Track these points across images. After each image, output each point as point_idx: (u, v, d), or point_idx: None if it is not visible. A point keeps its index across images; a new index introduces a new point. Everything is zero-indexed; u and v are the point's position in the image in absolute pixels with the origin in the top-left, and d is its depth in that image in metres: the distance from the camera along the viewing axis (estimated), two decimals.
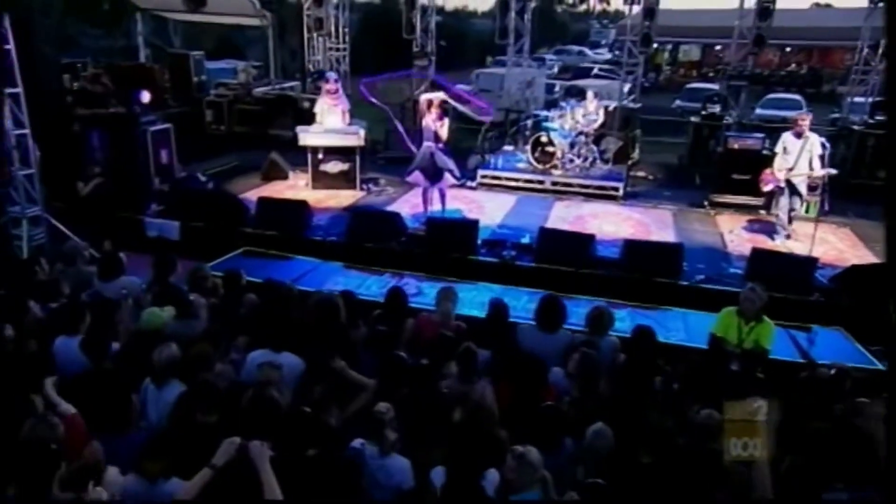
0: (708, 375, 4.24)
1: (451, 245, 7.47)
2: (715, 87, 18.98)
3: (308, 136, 9.70)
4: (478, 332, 4.73)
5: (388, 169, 10.94)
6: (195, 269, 5.26)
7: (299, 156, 10.05)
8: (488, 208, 9.32)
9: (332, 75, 10.12)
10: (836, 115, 13.27)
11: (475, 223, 7.85)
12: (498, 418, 3.56)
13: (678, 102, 18.47)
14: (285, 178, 10.44)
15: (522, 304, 6.11)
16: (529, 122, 11.81)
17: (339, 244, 7.74)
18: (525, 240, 7.83)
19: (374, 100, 9.64)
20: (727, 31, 12.16)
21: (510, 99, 13.27)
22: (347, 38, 13.36)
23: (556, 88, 18.77)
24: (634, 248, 7.29)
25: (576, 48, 34.20)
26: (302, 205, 8.29)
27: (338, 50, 13.35)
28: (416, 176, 8.34)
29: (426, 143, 8.23)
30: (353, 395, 3.86)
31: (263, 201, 8.40)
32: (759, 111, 15.76)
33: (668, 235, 8.54)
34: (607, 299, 6.04)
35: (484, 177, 10.57)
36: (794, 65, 27.43)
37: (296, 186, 10.08)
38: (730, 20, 11.99)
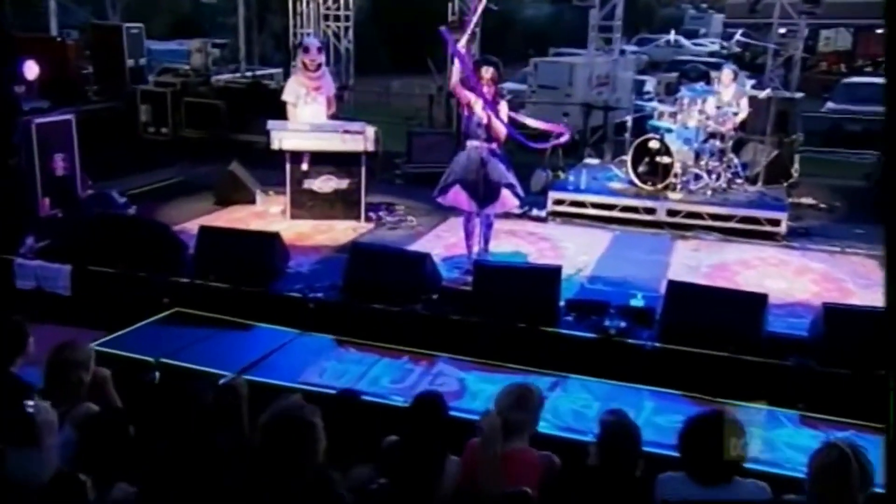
0: None
1: (514, 308, 6.72)
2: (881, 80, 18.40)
3: (286, 137, 9.09)
4: (575, 474, 3.89)
5: (409, 190, 10.59)
6: (61, 347, 4.33)
7: (278, 173, 9.51)
8: (569, 251, 8.77)
9: (313, 41, 9.64)
10: None
11: (556, 272, 7.05)
12: None
13: (830, 104, 18.47)
14: (251, 201, 10.03)
15: (644, 417, 5.33)
16: (628, 121, 11.29)
17: (331, 304, 7.21)
18: (637, 302, 7.03)
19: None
20: None
21: (584, 99, 13.12)
22: (352, 2, 12.79)
23: (647, 87, 18.58)
24: (840, 321, 6.14)
25: (667, 37, 34.82)
26: (271, 239, 7.81)
27: (338, 19, 12.73)
28: (456, 194, 7.49)
29: (471, 144, 7.43)
30: None
31: (208, 233, 7.81)
32: None
33: (878, 298, 7.12)
34: (799, 412, 5.42)
35: (558, 202, 9.95)
36: None
37: (266, 215, 9.70)
38: None
